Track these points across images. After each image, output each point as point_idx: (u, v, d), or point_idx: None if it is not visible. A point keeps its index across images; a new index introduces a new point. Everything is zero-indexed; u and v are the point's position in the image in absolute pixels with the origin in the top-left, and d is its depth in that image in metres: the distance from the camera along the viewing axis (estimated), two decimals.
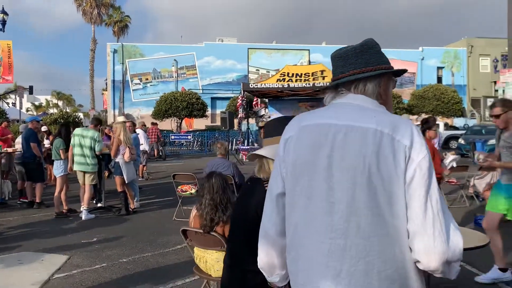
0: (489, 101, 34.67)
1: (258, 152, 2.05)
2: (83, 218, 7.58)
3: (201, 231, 3.37)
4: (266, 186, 2.04)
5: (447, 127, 27.20)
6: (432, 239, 1.28)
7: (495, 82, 35.64)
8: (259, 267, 1.62)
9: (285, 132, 1.56)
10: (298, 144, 1.47)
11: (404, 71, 1.63)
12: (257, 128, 20.36)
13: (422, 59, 41.21)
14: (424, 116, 33.48)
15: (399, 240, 1.30)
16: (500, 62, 35.46)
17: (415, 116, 33.43)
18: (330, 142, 1.39)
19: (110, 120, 34.89)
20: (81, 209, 7.82)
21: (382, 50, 1.57)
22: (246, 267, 2.05)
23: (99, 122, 8.66)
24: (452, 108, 31.54)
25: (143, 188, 10.44)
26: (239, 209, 2.18)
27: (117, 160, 7.83)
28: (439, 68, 41.87)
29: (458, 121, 34.01)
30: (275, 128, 2.10)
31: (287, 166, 1.49)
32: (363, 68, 1.49)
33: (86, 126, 20.29)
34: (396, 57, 40.32)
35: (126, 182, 7.91)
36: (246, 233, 2.08)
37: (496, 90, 32.64)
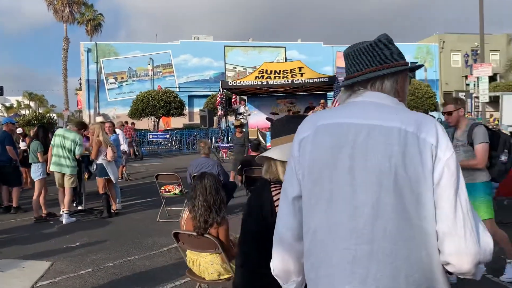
0: (461, 95, 35.50)
1: (266, 154, 2.00)
2: (64, 222, 7.38)
3: (195, 233, 3.31)
4: (273, 187, 2.00)
5: None
6: (463, 240, 1.24)
7: (466, 77, 36.48)
8: (273, 274, 1.55)
9: (299, 132, 1.49)
10: (315, 144, 1.40)
11: (421, 66, 1.60)
12: (233, 126, 20.28)
13: None
14: None
15: (426, 243, 1.26)
16: (470, 57, 36.28)
17: None
18: (351, 143, 1.33)
19: (85, 120, 34.21)
20: (61, 212, 7.61)
21: None
22: (254, 269, 2.00)
23: (83, 127, 8.42)
24: (426, 103, 32.19)
25: (123, 189, 10.23)
26: (248, 210, 2.13)
27: (99, 162, 7.65)
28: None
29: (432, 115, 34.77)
30: (282, 128, 2.05)
31: (303, 168, 1.42)
32: (379, 65, 1.44)
33: (60, 127, 19.80)
34: None
35: (114, 182, 7.81)
36: (253, 235, 2.03)
37: (468, 84, 33.42)
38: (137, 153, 19.95)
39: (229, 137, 19.81)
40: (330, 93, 20.23)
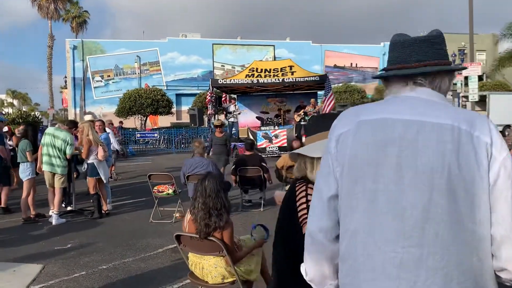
0: (449, 94, 35.83)
1: (298, 151, 1.92)
2: (54, 223, 7.18)
3: (197, 236, 3.19)
4: (298, 184, 1.92)
5: None
6: None
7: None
8: (307, 280, 1.44)
9: (336, 127, 1.39)
10: (357, 140, 1.31)
11: (464, 68, 1.55)
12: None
13: (384, 54, 42.05)
14: None
15: (478, 248, 1.19)
16: (458, 57, 36.63)
17: None
18: (398, 139, 1.25)
19: (72, 119, 33.70)
20: (50, 213, 7.41)
21: (344, 45, 1.46)
22: (284, 272, 1.92)
23: (74, 125, 8.16)
24: None
25: (113, 189, 10.03)
26: (279, 211, 2.05)
27: (90, 161, 7.46)
28: None
29: None
30: (317, 125, 1.95)
31: (342, 165, 1.33)
32: (441, 60, 1.36)
33: (46, 126, 19.28)
34: (358, 53, 41.09)
35: (104, 181, 7.66)
36: (280, 236, 1.95)
37: (455, 84, 33.74)
38: (122, 152, 19.60)
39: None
40: (320, 92, 20.23)
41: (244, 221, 6.93)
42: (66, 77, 38.11)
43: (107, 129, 10.82)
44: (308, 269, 1.43)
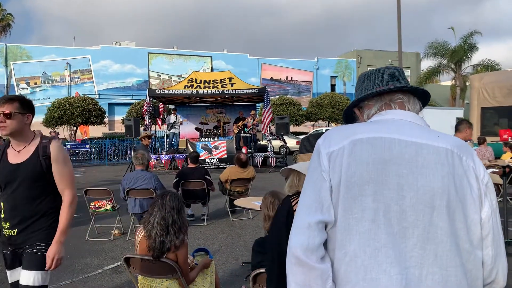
0: None
1: (293, 167, 1.88)
2: None
3: (150, 258, 2.98)
4: (294, 200, 1.86)
5: None
6: (504, 258, 1.30)
7: None
8: None
9: (325, 145, 1.33)
10: (354, 158, 1.27)
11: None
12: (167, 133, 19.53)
13: (317, 68, 43.48)
14: (321, 122, 35.33)
15: (472, 269, 1.24)
16: None
17: (313, 123, 35.17)
18: (397, 159, 1.25)
19: None
20: None
21: (279, 59, 1.51)
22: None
23: None
24: None
25: None
26: (274, 225, 1.95)
27: None
28: (332, 77, 44.52)
29: None
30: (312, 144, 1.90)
31: (337, 183, 1.27)
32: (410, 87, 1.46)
33: None
34: (293, 66, 42.11)
35: None
36: (279, 252, 1.85)
37: None
38: None
39: (157, 147, 19.10)
40: (258, 104, 20.42)
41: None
42: None
43: None
44: None
